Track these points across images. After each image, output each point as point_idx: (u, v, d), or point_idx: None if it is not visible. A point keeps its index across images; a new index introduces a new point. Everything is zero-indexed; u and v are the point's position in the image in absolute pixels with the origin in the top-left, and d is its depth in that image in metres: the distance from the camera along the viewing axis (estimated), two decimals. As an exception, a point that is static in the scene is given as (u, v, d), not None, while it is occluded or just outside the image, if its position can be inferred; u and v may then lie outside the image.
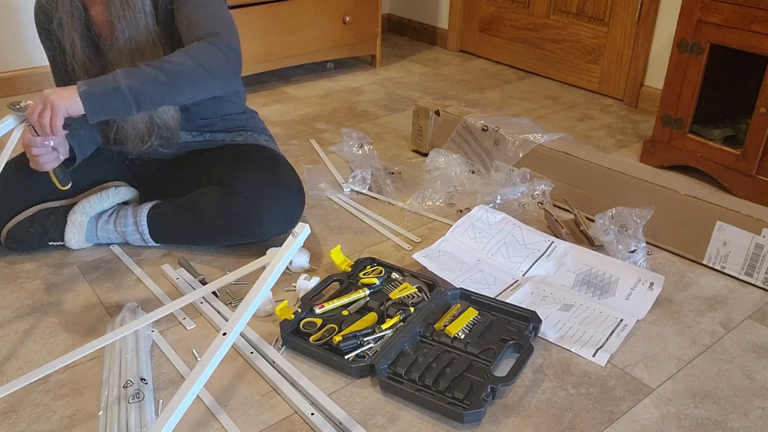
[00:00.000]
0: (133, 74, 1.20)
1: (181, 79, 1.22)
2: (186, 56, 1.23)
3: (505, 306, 1.32)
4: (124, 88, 1.19)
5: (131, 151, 1.49)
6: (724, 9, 1.76)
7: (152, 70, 1.21)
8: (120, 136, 1.46)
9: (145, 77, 1.20)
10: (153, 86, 1.21)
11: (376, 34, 2.85)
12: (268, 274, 1.09)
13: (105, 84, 1.20)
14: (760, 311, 1.40)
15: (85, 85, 1.20)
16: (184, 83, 1.23)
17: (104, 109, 1.21)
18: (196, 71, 1.23)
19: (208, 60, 1.24)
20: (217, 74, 1.26)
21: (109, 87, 1.19)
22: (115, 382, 1.12)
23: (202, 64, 1.23)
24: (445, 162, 1.94)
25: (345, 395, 1.15)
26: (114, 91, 1.19)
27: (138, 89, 1.20)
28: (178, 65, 1.22)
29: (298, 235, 1.09)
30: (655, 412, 1.14)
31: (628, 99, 2.55)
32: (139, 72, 1.21)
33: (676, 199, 1.56)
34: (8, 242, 1.47)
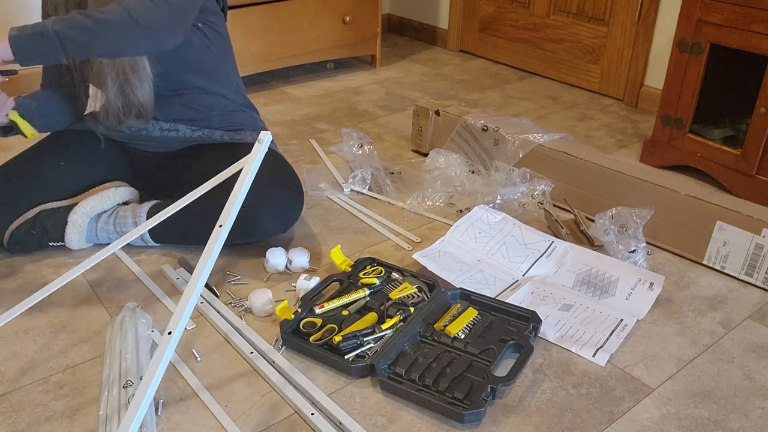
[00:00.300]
0: (63, 20, 1.21)
1: (108, 26, 1.22)
2: (118, 6, 1.23)
3: (505, 306, 1.32)
4: (51, 32, 1.19)
5: (109, 128, 1.51)
6: (724, 9, 1.76)
7: (81, 17, 1.21)
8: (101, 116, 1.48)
9: (73, 23, 1.20)
10: (79, 31, 1.21)
11: (376, 34, 2.85)
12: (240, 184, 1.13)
13: (33, 28, 1.20)
14: (760, 311, 1.40)
15: (16, 29, 1.20)
16: (110, 32, 1.22)
17: (32, 52, 1.20)
18: (124, 21, 1.22)
19: (139, 11, 1.23)
20: (147, 26, 1.25)
21: (36, 31, 1.19)
22: (115, 382, 1.12)
23: (131, 14, 1.23)
24: (445, 162, 1.94)
25: (345, 395, 1.15)
26: (41, 35, 1.19)
27: (64, 34, 1.19)
28: (107, 13, 1.22)
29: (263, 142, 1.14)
30: (655, 412, 1.14)
31: (628, 99, 2.55)
32: (69, 18, 1.21)
33: (676, 199, 1.56)
34: (11, 245, 1.48)
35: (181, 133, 1.55)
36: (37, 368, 1.20)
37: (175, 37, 1.31)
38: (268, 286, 1.43)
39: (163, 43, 1.30)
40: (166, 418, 1.09)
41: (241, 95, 1.63)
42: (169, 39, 1.31)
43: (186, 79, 1.50)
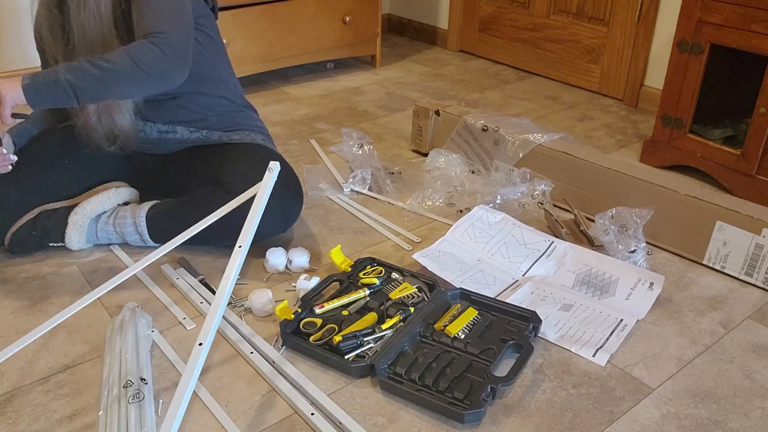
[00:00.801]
0: (74, 69, 1.26)
1: (116, 76, 1.27)
2: (125, 54, 1.28)
3: (505, 306, 1.32)
4: (64, 81, 1.25)
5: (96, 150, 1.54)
6: (724, 9, 1.76)
7: (90, 66, 1.26)
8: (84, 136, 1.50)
9: (84, 73, 1.26)
10: (90, 82, 1.26)
11: (376, 34, 2.85)
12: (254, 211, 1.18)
13: (46, 77, 1.26)
14: (760, 311, 1.40)
15: (29, 77, 1.26)
16: (120, 80, 1.28)
17: (46, 99, 1.27)
18: (132, 69, 1.27)
19: (145, 59, 1.28)
20: (154, 73, 1.29)
21: (50, 80, 1.25)
22: (115, 382, 1.12)
23: (139, 63, 1.27)
24: (445, 162, 1.94)
25: (345, 395, 1.15)
26: (54, 83, 1.25)
27: (76, 84, 1.26)
28: (115, 63, 1.27)
29: (273, 171, 1.20)
30: (655, 412, 1.14)
31: (628, 99, 2.55)
32: (78, 68, 1.26)
33: (676, 199, 1.56)
34: (12, 246, 1.48)
35: (179, 135, 1.55)
36: (37, 368, 1.20)
37: (182, 75, 1.35)
38: (268, 286, 1.43)
39: (170, 84, 1.35)
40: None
41: (238, 95, 1.63)
42: (177, 79, 1.35)
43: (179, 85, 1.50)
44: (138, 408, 1.07)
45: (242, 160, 1.50)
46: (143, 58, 1.28)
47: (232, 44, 2.40)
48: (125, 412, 1.06)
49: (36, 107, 1.28)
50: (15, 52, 2.46)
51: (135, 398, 1.09)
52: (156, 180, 1.63)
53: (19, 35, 2.45)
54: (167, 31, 1.31)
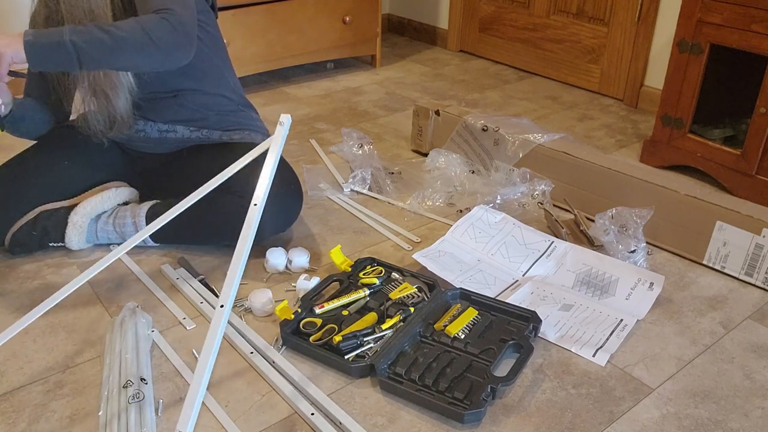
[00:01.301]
0: (80, 32, 1.20)
1: (125, 44, 1.22)
2: (136, 24, 1.23)
3: (505, 306, 1.32)
4: (68, 43, 1.19)
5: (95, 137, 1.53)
6: (724, 9, 1.76)
7: (99, 31, 1.21)
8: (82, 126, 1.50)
9: (91, 37, 1.20)
10: (97, 46, 1.21)
11: (376, 34, 2.85)
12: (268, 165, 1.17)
13: (50, 36, 1.19)
14: (760, 311, 1.40)
15: (31, 35, 1.19)
16: (128, 49, 1.23)
17: (47, 60, 1.20)
18: (142, 40, 1.23)
19: (157, 31, 1.23)
20: (163, 47, 1.26)
21: (53, 40, 1.19)
22: (115, 382, 1.12)
23: (150, 34, 1.23)
24: (445, 162, 1.94)
25: (345, 395, 1.15)
26: (58, 44, 1.19)
27: (81, 47, 1.20)
28: (125, 31, 1.22)
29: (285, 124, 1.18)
30: (655, 412, 1.14)
31: (628, 99, 2.55)
32: (86, 31, 1.21)
33: (676, 199, 1.56)
34: (12, 246, 1.48)
35: (179, 134, 1.55)
36: (37, 368, 1.20)
37: (187, 55, 1.33)
38: (268, 286, 1.43)
39: (177, 62, 1.32)
40: (167, 418, 1.09)
41: (238, 94, 1.63)
42: (183, 58, 1.32)
43: (178, 82, 1.50)
44: (138, 408, 1.07)
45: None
46: (155, 30, 1.23)
47: (232, 44, 2.40)
48: (125, 412, 1.06)
49: (35, 68, 1.21)
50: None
51: (135, 398, 1.09)
52: (156, 180, 1.63)
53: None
54: (176, 9, 1.27)
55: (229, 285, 1.06)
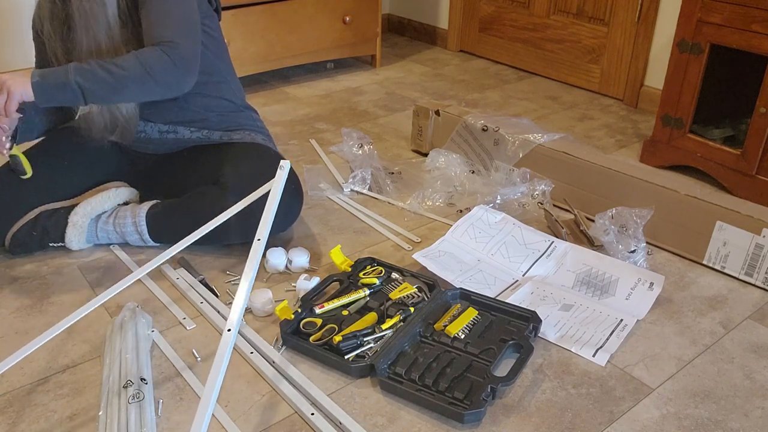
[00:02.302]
0: (84, 72, 1.27)
1: (127, 82, 1.29)
2: (137, 61, 1.29)
3: (505, 306, 1.32)
4: (74, 83, 1.26)
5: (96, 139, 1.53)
6: (724, 9, 1.76)
7: (101, 70, 1.28)
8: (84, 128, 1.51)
9: (95, 76, 1.27)
10: (100, 86, 1.28)
11: (376, 34, 2.85)
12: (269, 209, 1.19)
13: (56, 77, 1.27)
14: (760, 311, 1.40)
15: (39, 75, 1.27)
16: (129, 86, 1.30)
17: (54, 99, 1.28)
18: (143, 77, 1.29)
19: (157, 69, 1.30)
20: (163, 82, 1.32)
21: (59, 80, 1.27)
22: (115, 382, 1.12)
23: (150, 72, 1.29)
24: (445, 162, 1.94)
25: (345, 395, 1.15)
26: (64, 85, 1.26)
27: (85, 87, 1.27)
28: (126, 69, 1.28)
29: (284, 169, 1.22)
30: (655, 412, 1.14)
31: (628, 99, 2.55)
32: (89, 70, 1.28)
33: (676, 199, 1.56)
34: (12, 247, 1.48)
35: (180, 135, 1.55)
36: (37, 368, 1.20)
37: (189, 85, 1.37)
38: (268, 286, 1.43)
39: (177, 92, 1.37)
40: (166, 418, 1.09)
41: (239, 96, 1.63)
42: (184, 88, 1.37)
43: None
44: (138, 408, 1.07)
45: (242, 159, 1.50)
46: (154, 67, 1.29)
47: (232, 44, 2.40)
48: (125, 412, 1.06)
49: (42, 105, 1.29)
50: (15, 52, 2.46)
51: (135, 398, 1.09)
52: (156, 180, 1.63)
53: (19, 35, 2.45)
54: (178, 41, 1.32)
55: (235, 309, 1.06)
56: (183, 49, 1.32)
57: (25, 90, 1.26)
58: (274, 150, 1.62)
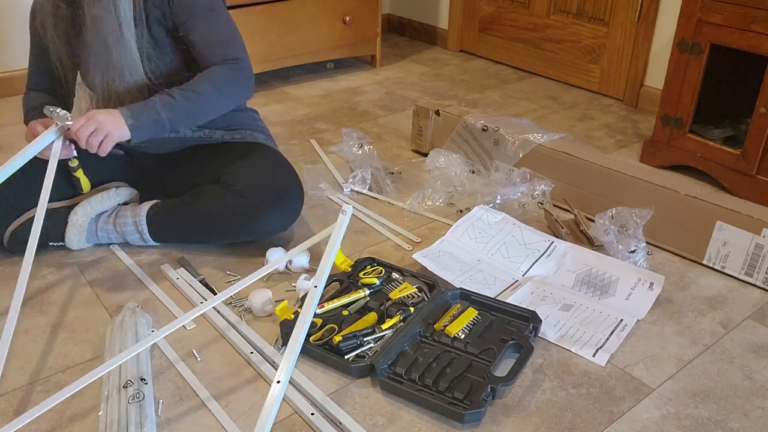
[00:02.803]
0: (170, 106, 1.35)
1: (205, 105, 1.39)
2: (210, 84, 1.39)
3: (505, 306, 1.32)
4: (165, 120, 1.35)
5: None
6: (724, 9, 1.76)
7: (184, 101, 1.36)
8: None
9: (179, 108, 1.36)
10: (184, 115, 1.37)
11: (376, 34, 2.85)
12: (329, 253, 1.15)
13: (149, 116, 1.34)
14: (760, 311, 1.40)
15: (132, 117, 1.33)
16: (206, 108, 1.40)
17: (147, 135, 1.36)
18: (218, 98, 1.40)
19: (229, 88, 1.41)
20: (234, 98, 1.44)
21: (152, 119, 1.34)
22: (115, 382, 1.12)
23: (223, 92, 1.40)
24: (445, 162, 1.94)
25: (345, 395, 1.15)
26: (156, 122, 1.35)
27: (175, 120, 1.37)
28: (204, 94, 1.38)
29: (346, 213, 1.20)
30: (655, 412, 1.14)
31: (628, 99, 2.55)
32: (174, 104, 1.36)
33: (676, 199, 1.56)
34: (11, 245, 1.48)
35: (181, 134, 1.55)
36: (37, 368, 1.20)
37: (253, 92, 1.47)
38: (268, 286, 1.43)
39: (244, 102, 1.53)
40: (166, 418, 1.09)
41: None
42: (250, 96, 1.48)
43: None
44: (138, 408, 1.07)
45: (243, 158, 1.50)
46: (226, 86, 1.40)
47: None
48: (125, 412, 1.07)
49: (134, 142, 1.35)
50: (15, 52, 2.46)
51: (135, 398, 1.09)
52: (157, 179, 1.63)
53: (19, 35, 2.45)
54: (238, 56, 1.42)
55: (286, 361, 1.06)
56: (244, 63, 1.43)
57: (123, 133, 1.32)
58: (276, 150, 1.62)
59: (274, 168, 1.51)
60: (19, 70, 2.49)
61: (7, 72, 2.47)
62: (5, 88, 2.48)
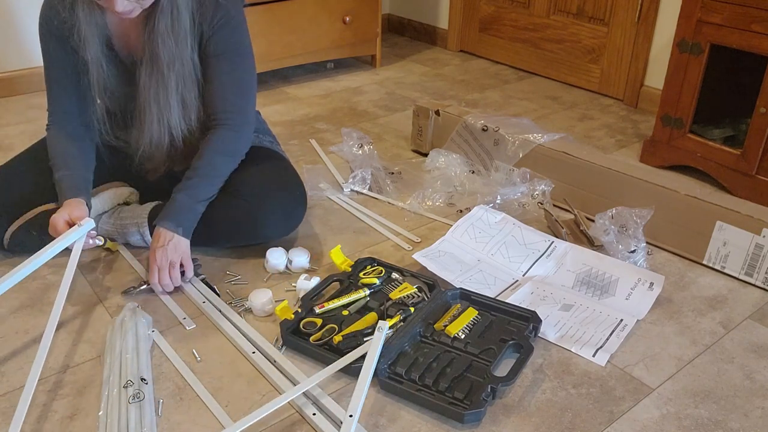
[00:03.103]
0: (203, 197, 1.41)
1: (224, 174, 1.44)
2: (225, 159, 1.44)
3: (505, 306, 1.32)
4: (200, 208, 1.40)
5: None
6: (724, 9, 1.76)
7: (209, 185, 1.42)
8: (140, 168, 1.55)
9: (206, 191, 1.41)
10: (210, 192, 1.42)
11: (376, 34, 2.85)
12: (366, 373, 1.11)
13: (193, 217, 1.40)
14: (760, 311, 1.40)
15: (183, 231, 1.37)
16: (225, 176, 1.45)
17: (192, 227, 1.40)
18: (231, 164, 1.46)
19: (240, 151, 1.47)
20: (242, 154, 1.48)
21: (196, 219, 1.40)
22: (115, 382, 1.12)
23: (234, 156, 1.46)
24: (445, 162, 1.94)
25: (345, 395, 1.15)
26: (195, 213, 1.40)
27: (206, 201, 1.41)
28: (223, 169, 1.44)
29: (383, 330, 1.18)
30: (655, 412, 1.14)
31: (628, 99, 2.55)
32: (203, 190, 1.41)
33: (676, 199, 1.56)
34: (11, 246, 1.47)
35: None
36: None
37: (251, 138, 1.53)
38: (268, 286, 1.43)
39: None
40: (166, 418, 1.09)
41: None
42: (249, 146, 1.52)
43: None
44: (138, 408, 1.07)
45: (249, 163, 1.50)
46: (239, 151, 1.46)
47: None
48: (125, 412, 1.07)
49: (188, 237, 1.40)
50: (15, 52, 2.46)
51: (135, 398, 1.09)
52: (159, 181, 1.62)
53: (19, 35, 2.45)
54: (250, 113, 1.47)
55: (357, 396, 1.06)
56: (252, 123, 1.48)
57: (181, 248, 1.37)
58: (281, 154, 1.62)
59: (278, 173, 1.51)
60: (20, 70, 2.49)
61: (7, 72, 2.47)
62: (5, 88, 2.48)
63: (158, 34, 1.31)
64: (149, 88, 1.37)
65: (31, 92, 2.51)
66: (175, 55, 1.34)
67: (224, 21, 1.37)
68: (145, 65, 1.35)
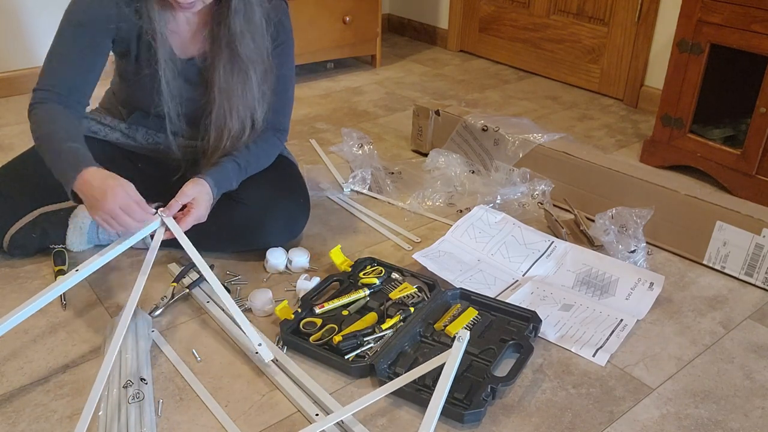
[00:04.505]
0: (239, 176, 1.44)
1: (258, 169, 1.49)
2: (266, 159, 1.51)
3: (505, 306, 1.32)
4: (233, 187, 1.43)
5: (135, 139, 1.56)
6: (724, 9, 1.76)
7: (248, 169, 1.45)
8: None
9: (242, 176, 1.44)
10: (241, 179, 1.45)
11: (376, 34, 2.85)
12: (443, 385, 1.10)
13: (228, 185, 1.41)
14: (760, 311, 1.40)
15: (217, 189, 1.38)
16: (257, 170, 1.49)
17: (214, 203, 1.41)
18: (267, 163, 1.51)
19: (273, 155, 1.53)
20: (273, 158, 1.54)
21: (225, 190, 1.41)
22: (115, 382, 1.12)
23: (270, 158, 1.52)
24: (445, 162, 1.94)
25: (345, 395, 1.15)
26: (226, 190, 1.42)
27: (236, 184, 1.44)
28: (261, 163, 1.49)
29: (463, 341, 1.16)
30: (655, 412, 1.14)
31: (628, 99, 2.55)
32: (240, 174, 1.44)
33: (676, 199, 1.56)
34: (11, 248, 1.47)
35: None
36: (37, 368, 1.20)
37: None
38: (268, 286, 1.43)
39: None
40: (166, 418, 1.09)
41: None
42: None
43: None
44: (138, 408, 1.07)
45: None
46: (274, 155, 1.53)
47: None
48: (125, 412, 1.07)
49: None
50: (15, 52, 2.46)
51: (135, 398, 1.09)
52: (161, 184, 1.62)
53: (19, 35, 2.45)
54: (287, 128, 1.54)
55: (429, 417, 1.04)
56: (288, 129, 1.55)
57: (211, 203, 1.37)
58: (289, 159, 1.62)
59: (282, 179, 1.51)
60: (20, 70, 2.49)
61: (7, 72, 2.47)
62: (5, 88, 2.48)
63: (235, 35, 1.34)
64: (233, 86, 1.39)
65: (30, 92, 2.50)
66: (255, 53, 1.37)
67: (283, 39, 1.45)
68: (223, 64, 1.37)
